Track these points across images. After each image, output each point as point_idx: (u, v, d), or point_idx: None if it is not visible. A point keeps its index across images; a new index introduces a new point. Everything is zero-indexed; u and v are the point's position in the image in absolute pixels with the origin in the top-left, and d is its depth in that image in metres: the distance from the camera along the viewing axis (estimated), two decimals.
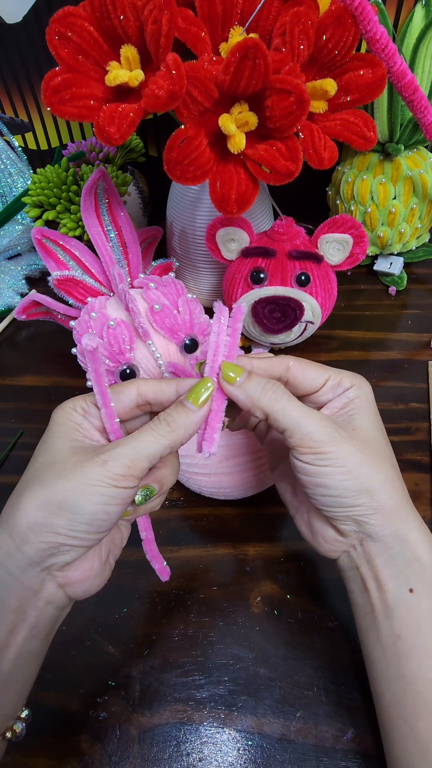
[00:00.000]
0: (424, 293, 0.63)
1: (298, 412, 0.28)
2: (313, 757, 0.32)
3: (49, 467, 0.26)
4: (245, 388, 0.28)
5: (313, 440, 0.27)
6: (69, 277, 0.46)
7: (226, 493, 0.41)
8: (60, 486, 0.25)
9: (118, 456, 0.25)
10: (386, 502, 0.28)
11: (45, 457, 0.26)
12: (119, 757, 0.32)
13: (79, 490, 0.24)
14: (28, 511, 0.24)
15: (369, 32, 0.40)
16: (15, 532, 0.24)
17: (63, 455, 0.26)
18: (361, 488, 0.28)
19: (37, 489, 0.25)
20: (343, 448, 0.27)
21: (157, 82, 0.36)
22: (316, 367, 0.31)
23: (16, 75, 0.63)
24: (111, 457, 0.25)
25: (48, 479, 0.25)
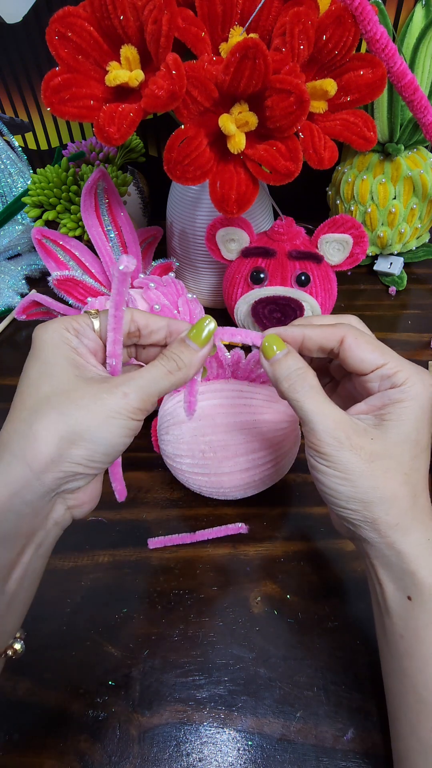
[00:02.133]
0: (424, 293, 0.63)
1: (313, 406, 0.27)
2: (313, 758, 0.32)
3: (62, 395, 0.25)
4: (274, 368, 0.28)
5: (318, 439, 0.27)
6: (69, 277, 0.46)
7: (226, 493, 0.41)
8: (81, 416, 0.24)
9: (137, 389, 0.26)
10: (381, 517, 0.27)
11: (52, 384, 0.25)
12: (119, 757, 0.32)
13: (100, 421, 0.25)
14: (48, 442, 0.24)
15: (369, 32, 0.40)
16: (35, 462, 0.24)
17: (72, 383, 0.25)
18: (355, 497, 0.27)
19: (55, 419, 0.24)
20: (345, 455, 0.26)
21: (157, 82, 0.36)
22: (374, 349, 0.28)
23: (16, 75, 0.63)
24: (131, 390, 0.25)
25: (66, 408, 0.24)
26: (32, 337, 0.27)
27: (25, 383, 0.26)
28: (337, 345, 0.28)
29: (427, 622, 0.27)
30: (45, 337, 0.26)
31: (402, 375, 0.27)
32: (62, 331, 0.27)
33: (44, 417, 0.24)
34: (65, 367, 0.26)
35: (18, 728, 0.33)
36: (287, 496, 0.44)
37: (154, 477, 0.46)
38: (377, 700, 0.33)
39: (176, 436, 0.39)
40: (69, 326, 0.27)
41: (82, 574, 0.40)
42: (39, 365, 0.26)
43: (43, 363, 0.26)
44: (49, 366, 0.26)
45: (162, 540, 0.41)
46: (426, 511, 0.28)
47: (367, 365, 0.28)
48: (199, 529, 0.42)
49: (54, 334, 0.27)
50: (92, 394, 0.25)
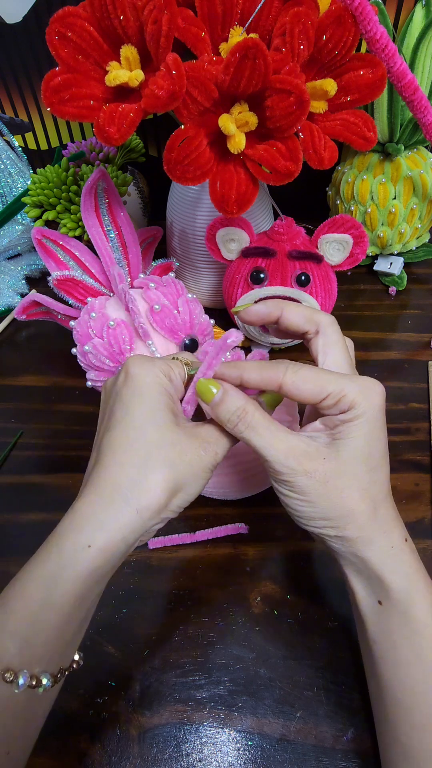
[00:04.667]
0: (424, 293, 0.63)
1: (261, 442, 0.28)
2: (313, 758, 0.32)
3: (170, 448, 0.27)
4: (216, 411, 0.29)
5: (273, 469, 0.28)
6: (69, 277, 0.46)
7: (226, 493, 0.41)
8: (186, 471, 0.27)
9: (223, 449, 0.29)
10: (343, 532, 0.28)
11: (159, 432, 0.27)
12: (119, 757, 0.32)
13: (196, 475, 0.28)
14: (159, 495, 0.26)
15: (369, 32, 0.40)
16: (145, 512, 0.26)
17: (175, 434, 0.27)
18: (316, 516, 0.28)
19: (167, 473, 0.26)
20: (300, 480, 0.27)
21: (157, 82, 0.36)
22: (316, 381, 0.28)
23: (16, 75, 0.63)
24: (220, 450, 0.29)
25: (175, 464, 0.27)
26: (129, 372, 0.28)
27: (131, 424, 0.27)
28: (277, 388, 0.29)
29: (397, 624, 0.27)
30: (148, 380, 0.28)
31: (346, 400, 0.27)
32: (162, 377, 0.28)
33: (158, 470, 0.26)
34: (168, 415, 0.28)
35: None
36: None
37: None
38: None
39: None
40: (167, 372, 0.29)
41: None
42: (145, 410, 0.27)
43: (149, 408, 0.27)
44: (154, 413, 0.27)
45: (162, 540, 0.41)
46: (388, 520, 0.28)
47: (311, 400, 0.28)
48: (199, 529, 0.42)
49: (156, 378, 0.28)
50: (193, 452, 0.28)
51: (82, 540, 0.25)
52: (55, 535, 0.26)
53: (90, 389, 0.45)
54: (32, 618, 0.24)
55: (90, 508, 0.26)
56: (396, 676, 0.27)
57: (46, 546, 0.26)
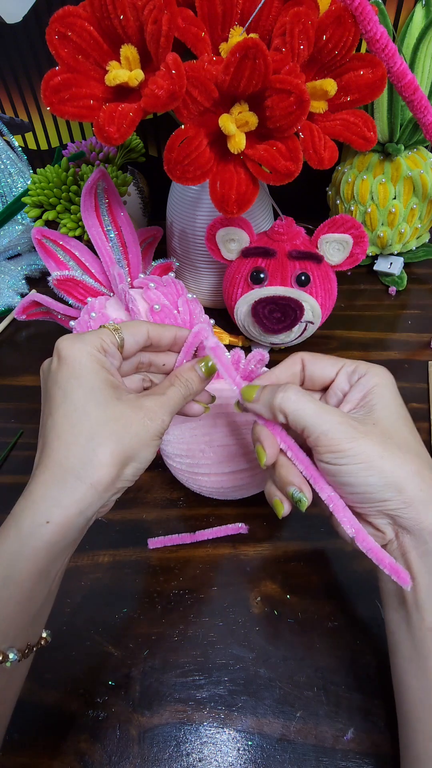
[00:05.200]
0: (424, 293, 0.63)
1: (313, 410, 0.28)
2: (313, 758, 0.32)
3: (114, 422, 0.27)
4: (261, 400, 0.30)
5: (329, 438, 0.27)
6: (69, 277, 0.46)
7: (226, 493, 0.41)
8: (134, 442, 0.28)
9: (169, 414, 0.30)
10: (416, 494, 0.27)
11: (101, 410, 0.27)
12: (119, 757, 0.32)
13: (144, 443, 0.28)
14: (110, 467, 0.27)
15: (369, 32, 0.40)
16: (99, 485, 0.27)
17: (119, 409, 0.28)
18: (386, 482, 0.27)
19: (114, 447, 0.27)
20: (361, 443, 0.27)
21: (157, 82, 0.36)
22: (329, 358, 0.32)
23: (16, 75, 0.63)
24: (166, 416, 0.29)
25: (122, 437, 0.27)
26: (61, 355, 0.28)
27: (71, 406, 0.27)
28: (300, 368, 0.32)
29: None
30: (81, 359, 0.28)
31: (362, 367, 0.31)
32: (95, 353, 0.28)
33: (105, 445, 0.27)
34: (107, 391, 0.28)
35: (18, 728, 0.33)
36: None
37: (154, 477, 0.46)
38: (378, 700, 0.33)
39: (176, 436, 0.39)
40: (98, 346, 0.29)
41: (82, 574, 0.40)
42: (82, 390, 0.28)
43: (87, 388, 0.28)
44: (93, 391, 0.28)
45: (162, 540, 0.41)
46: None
47: (329, 370, 0.32)
48: (199, 529, 0.42)
49: (88, 356, 0.28)
50: (139, 422, 0.28)
51: (39, 517, 0.25)
52: (12, 516, 0.26)
53: None
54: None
55: (43, 487, 0.26)
56: None
57: (4, 527, 0.26)
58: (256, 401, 0.30)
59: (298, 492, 0.29)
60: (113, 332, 0.30)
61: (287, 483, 0.30)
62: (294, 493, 0.29)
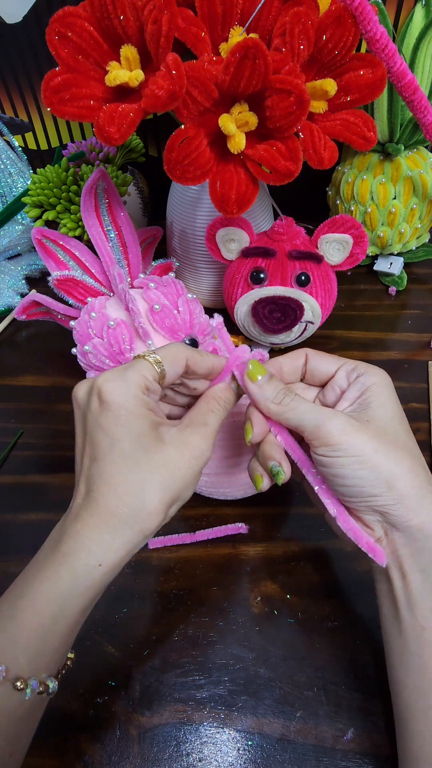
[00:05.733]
0: (424, 293, 0.63)
1: (308, 407, 0.29)
2: (313, 758, 0.32)
3: (163, 467, 0.27)
4: (263, 389, 0.30)
5: (323, 431, 0.28)
6: (69, 277, 0.46)
7: (226, 493, 0.41)
8: (179, 485, 0.28)
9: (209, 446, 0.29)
10: (407, 491, 0.28)
11: (149, 456, 0.27)
12: (119, 757, 0.32)
13: (190, 484, 0.29)
14: (159, 513, 0.27)
15: (369, 32, 0.40)
16: (148, 530, 0.27)
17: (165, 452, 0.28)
18: (378, 477, 0.28)
19: (163, 494, 0.27)
20: (355, 437, 0.28)
21: (157, 82, 0.36)
22: (330, 356, 0.33)
23: (16, 75, 0.63)
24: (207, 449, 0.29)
25: (170, 484, 0.28)
26: (104, 399, 0.27)
27: (119, 455, 0.27)
28: (304, 362, 0.33)
29: None
30: (127, 405, 0.27)
31: (362, 367, 0.31)
32: (140, 395, 0.28)
33: (155, 494, 0.27)
34: (153, 434, 0.28)
35: None
36: (287, 496, 0.44)
37: None
38: (377, 700, 0.33)
39: None
40: (143, 386, 0.28)
41: None
42: (130, 437, 0.27)
43: (134, 435, 0.27)
44: (141, 438, 0.27)
45: (162, 540, 0.41)
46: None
47: (330, 367, 0.33)
48: (199, 529, 0.42)
49: (134, 399, 0.27)
50: (185, 463, 0.28)
51: (92, 560, 0.26)
52: (64, 556, 0.26)
53: None
54: (43, 632, 0.25)
55: (96, 531, 0.26)
56: None
57: (57, 566, 0.26)
58: (258, 385, 0.30)
59: (277, 465, 0.30)
60: (154, 365, 0.29)
61: (269, 458, 0.31)
62: (273, 466, 0.31)
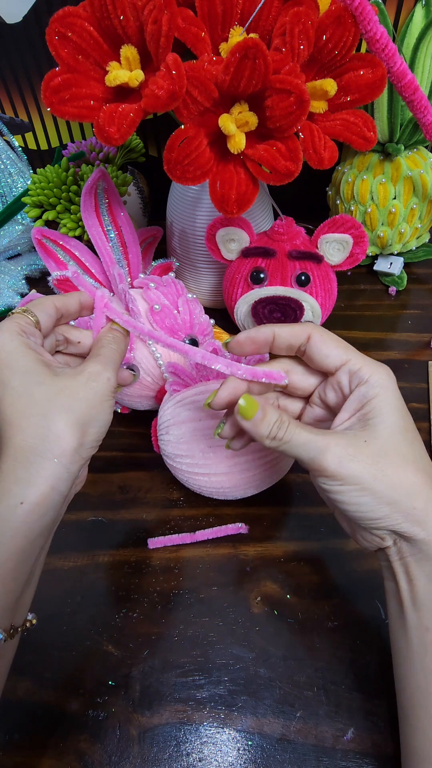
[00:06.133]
0: (424, 293, 0.63)
1: (302, 440, 0.28)
2: (313, 757, 0.32)
3: (61, 395, 0.28)
4: (258, 428, 0.28)
5: (320, 464, 0.27)
6: (69, 277, 0.46)
7: (226, 493, 0.41)
8: (85, 407, 0.28)
9: (112, 371, 0.30)
10: (411, 510, 0.27)
11: (43, 389, 0.28)
12: (119, 757, 0.32)
13: (96, 405, 0.29)
14: (69, 437, 0.27)
15: (369, 32, 0.40)
16: (63, 457, 0.27)
17: (60, 382, 0.28)
18: (379, 502, 0.27)
19: (67, 416, 0.27)
20: (351, 467, 0.27)
21: (157, 82, 0.36)
22: (337, 346, 0.30)
23: (16, 75, 0.63)
24: (110, 373, 0.30)
25: (72, 405, 0.28)
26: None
27: (14, 393, 0.28)
28: (305, 342, 0.30)
29: None
30: (6, 346, 0.28)
31: (366, 370, 0.29)
32: (17, 337, 0.29)
33: (58, 417, 0.27)
34: (43, 370, 0.28)
35: (18, 728, 0.33)
36: (287, 496, 0.44)
37: (154, 477, 0.46)
38: (378, 700, 0.33)
39: (176, 436, 0.39)
40: (17, 330, 0.29)
41: (82, 574, 0.40)
42: (19, 375, 0.28)
43: (22, 371, 0.28)
44: (29, 373, 0.28)
45: (162, 540, 0.41)
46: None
47: (332, 360, 0.30)
48: (199, 529, 0.42)
49: (11, 342, 0.28)
50: (84, 388, 0.28)
51: (12, 500, 0.26)
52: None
53: None
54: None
55: (11, 472, 0.26)
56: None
57: None
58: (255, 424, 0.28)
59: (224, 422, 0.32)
60: (24, 314, 0.30)
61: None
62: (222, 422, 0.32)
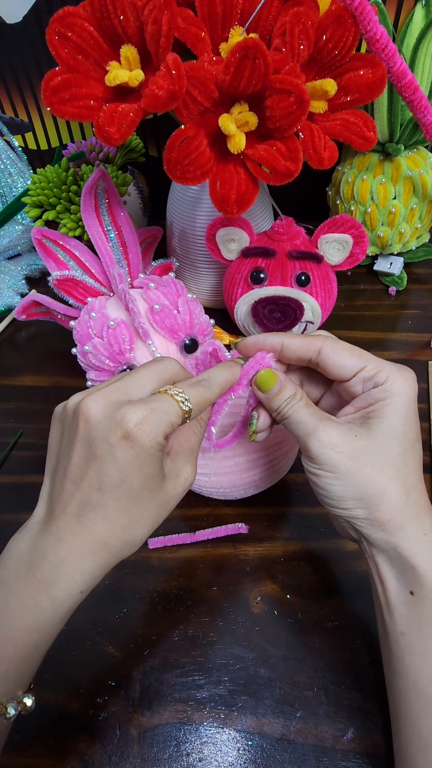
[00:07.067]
0: (424, 293, 0.63)
1: (298, 417, 0.29)
2: (313, 757, 0.32)
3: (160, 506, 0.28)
4: (271, 402, 0.30)
5: (305, 445, 0.29)
6: (69, 277, 0.46)
7: (225, 493, 0.41)
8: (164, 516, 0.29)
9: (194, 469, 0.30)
10: (375, 512, 0.28)
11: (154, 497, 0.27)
12: (119, 757, 0.32)
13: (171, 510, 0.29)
14: (140, 545, 0.28)
15: (369, 32, 0.40)
16: (125, 557, 0.28)
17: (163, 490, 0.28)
18: (346, 495, 0.28)
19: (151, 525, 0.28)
20: (328, 454, 0.28)
21: (157, 82, 0.36)
22: (351, 355, 0.29)
23: (16, 75, 0.63)
24: (194, 474, 0.30)
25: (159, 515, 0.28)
26: (131, 437, 0.25)
27: (126, 492, 0.26)
28: (315, 355, 0.30)
29: (429, 616, 0.27)
30: (150, 449, 0.26)
31: (383, 374, 0.28)
32: (163, 441, 0.26)
33: (146, 529, 0.28)
34: (160, 474, 0.27)
35: (18, 728, 0.33)
36: (287, 496, 0.44)
37: None
38: (377, 700, 0.33)
39: None
40: (168, 433, 0.27)
41: None
42: (141, 477, 0.26)
43: (146, 475, 0.26)
44: (150, 478, 0.27)
45: (162, 540, 0.41)
46: (421, 506, 0.28)
47: (346, 371, 0.29)
48: (199, 529, 0.42)
49: (157, 446, 0.26)
50: (177, 497, 0.29)
51: (75, 589, 0.26)
52: (46, 585, 0.25)
53: None
54: (23, 660, 0.25)
55: (82, 561, 0.26)
56: (423, 669, 0.27)
57: (33, 593, 0.25)
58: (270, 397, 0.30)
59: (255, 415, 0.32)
60: (184, 413, 0.27)
61: None
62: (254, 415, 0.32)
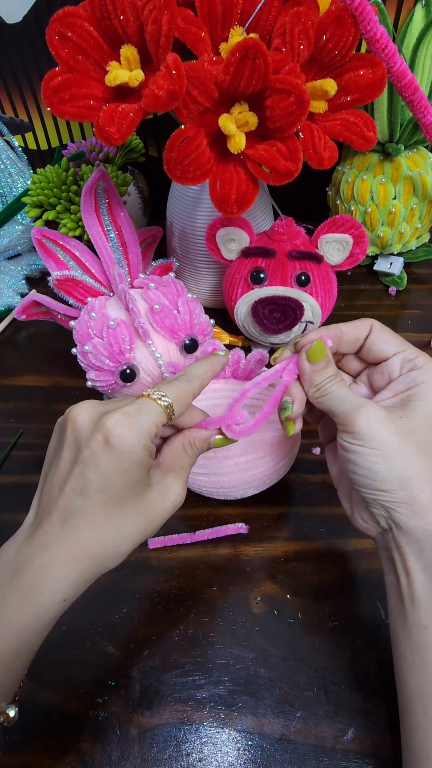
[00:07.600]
0: (424, 293, 0.63)
1: (342, 394, 0.30)
2: (313, 758, 0.32)
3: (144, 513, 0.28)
4: (314, 376, 0.31)
5: (351, 418, 0.28)
6: (69, 277, 0.46)
7: (225, 493, 0.41)
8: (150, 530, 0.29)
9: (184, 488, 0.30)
10: (417, 495, 0.27)
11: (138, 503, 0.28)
12: (119, 757, 0.32)
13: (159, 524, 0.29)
14: (125, 555, 0.28)
15: (369, 32, 0.40)
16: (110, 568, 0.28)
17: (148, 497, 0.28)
18: (391, 474, 0.28)
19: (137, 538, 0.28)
20: (378, 430, 0.28)
21: (157, 82, 0.36)
22: (396, 338, 0.32)
23: (16, 75, 0.63)
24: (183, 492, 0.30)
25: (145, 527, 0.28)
26: (111, 442, 0.26)
27: (109, 496, 0.26)
28: (367, 332, 0.32)
29: None
30: (134, 454, 0.26)
31: (422, 359, 0.30)
32: (149, 444, 0.27)
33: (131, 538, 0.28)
34: (145, 480, 0.28)
35: (18, 728, 0.33)
36: (287, 496, 0.44)
37: None
38: (378, 700, 0.34)
39: None
40: (153, 434, 0.27)
41: None
42: (125, 483, 0.27)
43: (129, 480, 0.27)
44: (134, 484, 0.27)
45: (162, 540, 0.41)
46: None
47: (390, 348, 0.31)
48: (199, 529, 0.42)
49: (142, 449, 0.27)
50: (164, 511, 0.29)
51: (58, 596, 0.26)
52: (29, 590, 0.26)
53: (90, 389, 0.45)
54: (6, 666, 0.25)
55: (65, 568, 0.26)
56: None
57: (17, 599, 0.25)
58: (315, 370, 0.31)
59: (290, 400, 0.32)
60: (166, 411, 0.28)
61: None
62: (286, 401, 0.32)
